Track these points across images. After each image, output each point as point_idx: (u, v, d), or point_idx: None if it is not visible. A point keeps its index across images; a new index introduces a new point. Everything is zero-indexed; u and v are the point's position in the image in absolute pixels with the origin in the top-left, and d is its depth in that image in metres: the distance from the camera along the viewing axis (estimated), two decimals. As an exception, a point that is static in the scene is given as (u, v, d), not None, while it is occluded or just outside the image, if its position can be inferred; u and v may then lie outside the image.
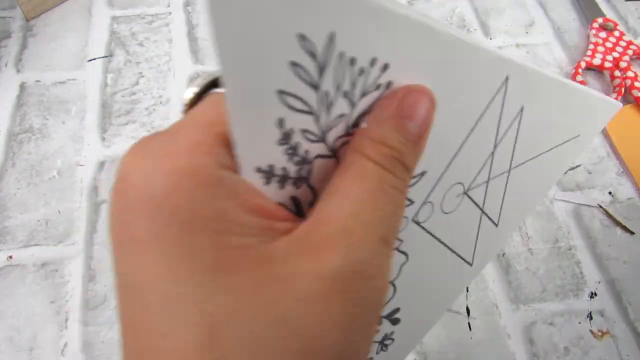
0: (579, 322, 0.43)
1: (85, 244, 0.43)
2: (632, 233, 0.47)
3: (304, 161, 0.17)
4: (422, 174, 0.20)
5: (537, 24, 0.62)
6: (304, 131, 0.16)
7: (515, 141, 0.23)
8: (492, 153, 0.23)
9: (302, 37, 0.14)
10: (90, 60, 0.54)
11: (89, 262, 0.43)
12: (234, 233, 0.15)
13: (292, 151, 0.16)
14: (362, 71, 0.16)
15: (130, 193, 0.15)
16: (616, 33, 0.59)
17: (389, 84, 0.17)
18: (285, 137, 0.16)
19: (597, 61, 0.56)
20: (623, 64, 0.56)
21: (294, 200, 0.17)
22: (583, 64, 0.56)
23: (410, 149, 0.17)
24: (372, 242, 0.15)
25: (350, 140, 0.17)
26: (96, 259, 0.43)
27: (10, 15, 0.56)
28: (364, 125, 0.17)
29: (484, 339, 0.42)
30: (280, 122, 0.16)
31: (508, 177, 0.25)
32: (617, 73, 0.56)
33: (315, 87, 0.16)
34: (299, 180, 0.17)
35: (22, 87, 0.52)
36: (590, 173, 0.50)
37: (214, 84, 0.19)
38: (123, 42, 0.56)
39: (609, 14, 0.62)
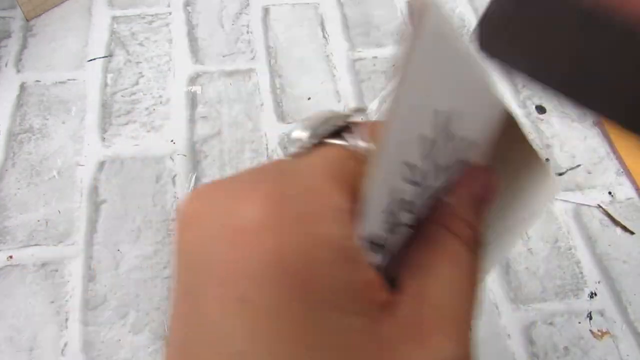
0: (579, 322, 0.43)
1: (85, 244, 0.43)
2: (632, 233, 0.47)
3: (396, 231, 0.17)
4: None
5: (537, 24, 0.62)
6: (405, 201, 0.17)
7: None
8: None
9: (439, 113, 0.15)
10: (90, 60, 0.54)
11: (89, 262, 0.43)
12: (355, 313, 0.14)
13: (393, 221, 0.16)
14: (455, 147, 0.17)
15: (254, 249, 0.14)
16: (616, 33, 0.59)
17: (469, 162, 0.18)
18: (397, 207, 0.16)
19: (596, 61, 0.56)
20: (623, 64, 0.56)
21: (379, 267, 0.17)
22: (583, 64, 0.56)
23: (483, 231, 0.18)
24: (470, 330, 0.16)
25: (432, 214, 0.18)
26: (96, 259, 0.43)
27: (11, 15, 0.56)
28: (447, 200, 0.18)
29: (484, 339, 0.42)
30: (395, 191, 0.16)
31: None
32: (616, 73, 0.56)
33: (428, 159, 0.16)
34: (387, 249, 0.17)
35: (22, 87, 0.52)
36: (590, 173, 0.50)
37: (334, 132, 0.18)
38: (123, 42, 0.56)
39: (609, 14, 0.62)
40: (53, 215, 0.44)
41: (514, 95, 0.55)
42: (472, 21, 0.61)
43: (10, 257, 0.42)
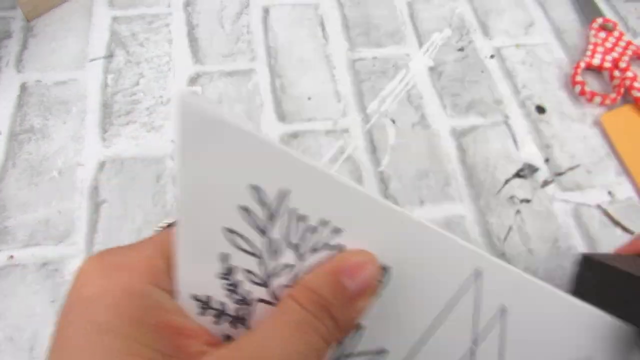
0: (579, 322, 0.43)
1: (86, 244, 0.43)
2: (631, 233, 0.47)
3: (245, 302, 0.18)
4: (382, 351, 0.20)
5: (536, 24, 0.62)
6: (248, 272, 0.17)
7: (502, 345, 0.22)
8: (473, 351, 0.21)
9: (254, 188, 0.16)
10: (90, 60, 0.54)
11: (90, 262, 0.43)
12: (145, 345, 0.16)
13: (233, 288, 0.18)
14: (313, 229, 0.17)
15: (71, 293, 0.18)
16: (615, 33, 0.59)
17: (341, 247, 0.18)
18: (227, 273, 0.17)
19: (596, 61, 0.56)
20: (622, 64, 0.56)
21: (228, 338, 0.18)
22: (582, 64, 0.56)
23: (342, 303, 0.17)
24: None
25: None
26: (96, 259, 0.43)
27: (11, 15, 0.56)
28: (304, 277, 0.18)
29: (484, 339, 0.42)
30: (224, 258, 0.17)
31: None
32: (616, 73, 0.56)
33: (262, 232, 0.17)
34: (237, 320, 0.18)
35: (23, 87, 0.52)
36: (589, 173, 0.50)
37: None
38: (123, 42, 0.56)
39: (609, 14, 0.62)
40: (53, 215, 0.45)
41: (514, 95, 0.55)
42: (472, 21, 0.61)
43: (11, 257, 0.42)
